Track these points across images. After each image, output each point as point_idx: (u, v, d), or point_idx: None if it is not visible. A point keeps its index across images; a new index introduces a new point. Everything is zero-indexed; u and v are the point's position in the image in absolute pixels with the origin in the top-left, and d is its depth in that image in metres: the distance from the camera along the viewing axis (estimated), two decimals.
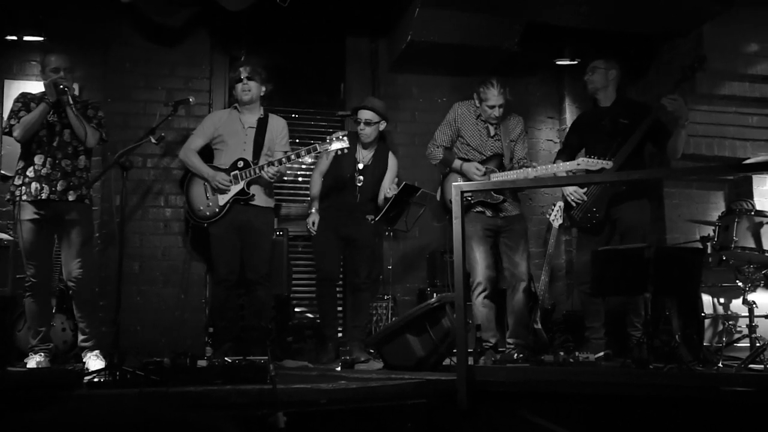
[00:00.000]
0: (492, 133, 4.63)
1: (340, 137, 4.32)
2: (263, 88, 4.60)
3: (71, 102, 3.96)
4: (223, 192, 4.45)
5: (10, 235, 4.58)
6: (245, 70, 4.53)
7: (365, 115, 4.68)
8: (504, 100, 4.51)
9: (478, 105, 4.60)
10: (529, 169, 4.49)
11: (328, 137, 4.38)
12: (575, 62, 5.87)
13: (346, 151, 4.38)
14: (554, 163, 4.81)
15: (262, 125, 4.59)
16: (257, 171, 4.40)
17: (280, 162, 4.37)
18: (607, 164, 4.30)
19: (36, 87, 5.03)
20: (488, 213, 4.55)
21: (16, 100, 4.12)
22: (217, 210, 4.47)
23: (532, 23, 5.35)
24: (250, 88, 4.53)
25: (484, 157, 4.60)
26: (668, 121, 4.48)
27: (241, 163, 4.47)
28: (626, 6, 5.06)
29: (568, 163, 4.48)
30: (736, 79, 5.53)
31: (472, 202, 4.51)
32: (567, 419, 3.24)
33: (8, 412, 2.74)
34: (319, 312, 4.88)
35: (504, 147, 4.60)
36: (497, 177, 4.49)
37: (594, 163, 4.32)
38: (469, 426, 3.27)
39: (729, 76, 5.50)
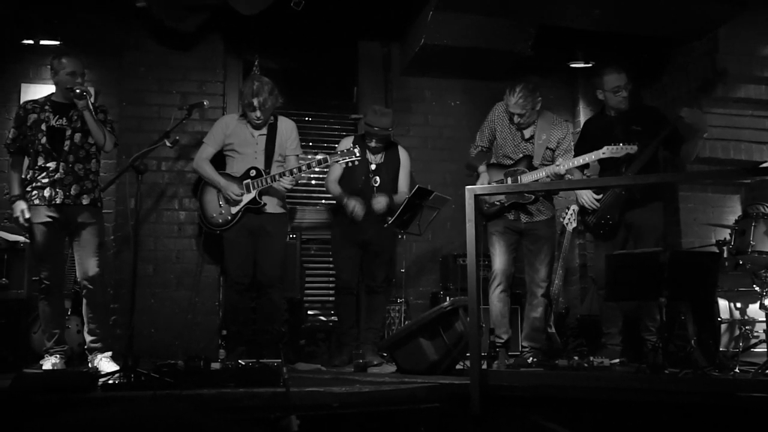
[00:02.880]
0: (527, 135, 4.55)
1: (351, 149, 4.33)
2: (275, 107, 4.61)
3: (91, 108, 4.00)
4: (236, 203, 4.49)
5: (25, 237, 4.62)
6: (258, 101, 4.45)
7: (376, 131, 4.65)
8: (522, 110, 4.40)
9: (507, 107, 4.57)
10: (555, 166, 4.37)
11: (339, 149, 4.43)
12: (589, 65, 5.84)
13: (357, 163, 4.40)
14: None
15: (272, 131, 4.61)
16: (269, 181, 4.44)
17: (291, 173, 4.39)
18: (632, 149, 4.25)
19: (51, 91, 5.11)
20: (511, 216, 4.50)
21: (17, 110, 4.20)
22: (229, 218, 4.51)
23: (545, 26, 5.34)
24: (261, 117, 4.52)
25: (514, 161, 4.56)
26: (685, 131, 4.43)
27: (253, 172, 4.50)
28: (639, 9, 5.03)
29: (593, 153, 4.36)
30: (751, 82, 5.49)
31: (506, 205, 4.48)
32: (581, 425, 3.21)
33: (24, 413, 2.76)
34: (337, 319, 4.90)
35: (535, 147, 4.53)
36: (527, 177, 4.45)
37: (618, 149, 4.26)
38: (482, 430, 3.25)
39: (744, 79, 5.46)
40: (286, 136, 4.64)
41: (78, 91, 3.95)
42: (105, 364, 4.01)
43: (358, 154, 4.32)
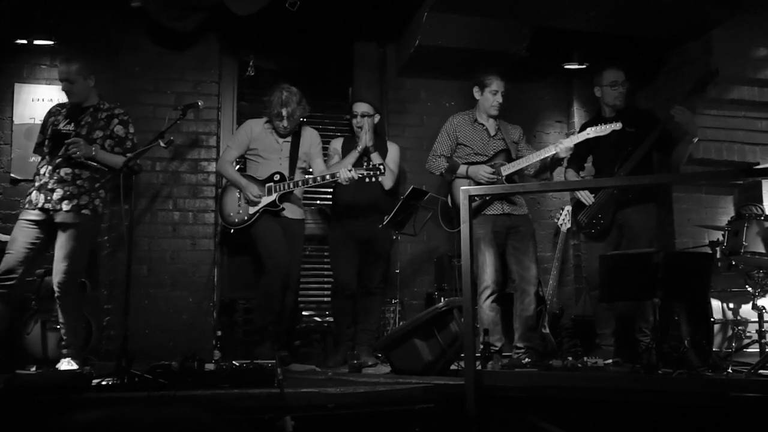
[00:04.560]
0: (493, 132, 4.64)
1: (377, 165, 4.36)
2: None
3: (83, 156, 4.01)
4: (254, 204, 4.50)
5: None
6: (287, 111, 4.51)
7: (362, 107, 4.78)
8: (504, 88, 4.59)
9: (479, 96, 4.61)
10: (540, 150, 4.50)
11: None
12: (584, 66, 5.86)
13: (380, 178, 4.41)
14: (565, 171, 4.79)
15: (296, 138, 4.67)
16: (291, 186, 4.49)
17: (323, 178, 4.48)
18: (617, 125, 4.34)
19: (45, 91, 5.10)
20: (497, 211, 4.51)
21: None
22: (245, 218, 4.53)
23: (541, 28, 5.35)
24: (288, 126, 4.59)
25: (487, 158, 4.58)
26: (677, 133, 4.46)
27: (277, 177, 4.55)
28: (636, 10, 5.05)
29: (578, 135, 4.50)
30: (745, 83, 5.51)
31: (488, 198, 4.49)
32: (575, 425, 3.22)
33: (17, 415, 2.75)
34: (335, 321, 4.91)
35: (508, 144, 4.62)
36: (507, 168, 4.49)
37: (603, 129, 4.36)
38: (477, 431, 3.26)
39: (738, 81, 5.48)
40: (309, 143, 4.71)
41: (76, 155, 3.98)
42: (65, 366, 3.94)
43: (383, 170, 4.36)
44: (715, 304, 4.21)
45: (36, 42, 5.03)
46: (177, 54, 5.40)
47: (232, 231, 4.59)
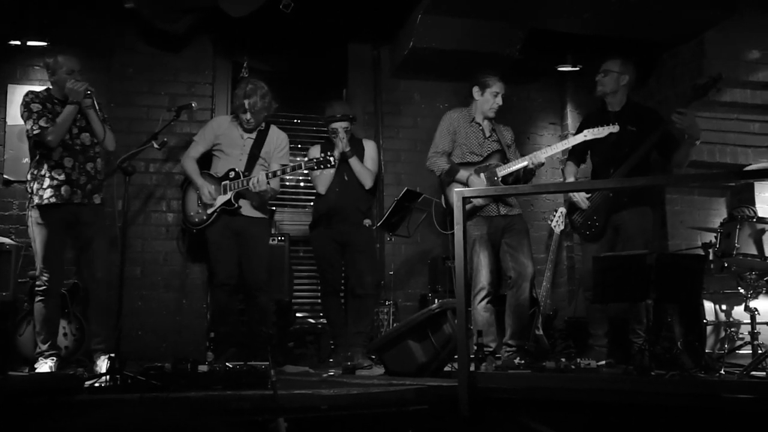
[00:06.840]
0: (488, 133, 4.64)
1: (327, 157, 4.30)
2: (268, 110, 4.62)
3: (96, 107, 3.99)
4: (210, 205, 4.48)
5: (12, 239, 4.58)
6: (249, 102, 4.48)
7: (342, 124, 4.74)
8: (504, 90, 4.58)
9: (479, 97, 4.58)
10: (537, 152, 4.48)
11: (316, 159, 4.36)
12: (577, 68, 5.87)
13: (332, 170, 4.41)
14: (566, 164, 4.78)
15: (261, 136, 4.63)
16: (245, 183, 4.42)
17: (266, 175, 4.36)
18: (614, 128, 4.33)
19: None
20: (493, 212, 4.50)
21: (32, 101, 4.03)
22: (205, 218, 4.53)
23: (535, 30, 5.37)
24: (251, 120, 4.54)
25: (482, 158, 4.58)
26: (678, 135, 4.46)
27: (232, 174, 4.50)
28: (629, 13, 5.06)
29: (572, 138, 4.51)
30: (737, 86, 5.53)
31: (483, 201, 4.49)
32: (568, 426, 3.23)
33: (10, 416, 2.74)
34: (329, 321, 4.92)
35: (503, 145, 4.62)
36: (502, 170, 4.48)
37: (601, 131, 4.36)
38: None
39: (731, 83, 5.49)
40: (274, 146, 4.64)
41: (89, 92, 3.94)
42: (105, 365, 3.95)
43: (333, 162, 4.31)
44: (708, 305, 4.22)
45: (30, 43, 5.02)
46: (171, 56, 5.41)
47: (194, 231, 4.60)
